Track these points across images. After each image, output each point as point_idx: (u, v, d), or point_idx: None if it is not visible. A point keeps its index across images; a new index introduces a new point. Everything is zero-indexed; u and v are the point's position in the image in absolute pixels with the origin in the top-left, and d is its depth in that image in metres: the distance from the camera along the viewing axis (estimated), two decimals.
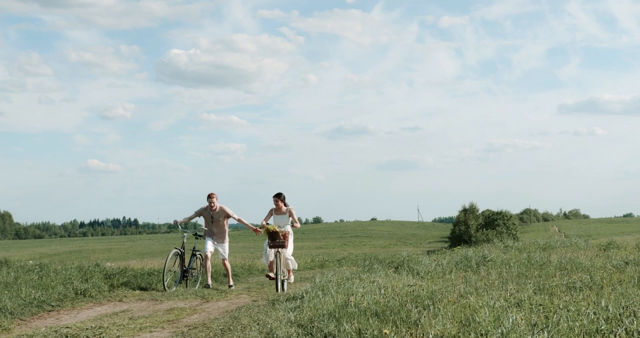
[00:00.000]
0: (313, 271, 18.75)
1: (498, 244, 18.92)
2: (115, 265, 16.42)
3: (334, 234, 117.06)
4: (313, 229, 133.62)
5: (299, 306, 8.62)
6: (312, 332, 6.72)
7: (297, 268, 14.13)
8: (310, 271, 18.94)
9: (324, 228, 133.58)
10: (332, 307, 7.68)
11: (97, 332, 7.84)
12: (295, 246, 40.23)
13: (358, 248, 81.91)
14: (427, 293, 8.22)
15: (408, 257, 14.89)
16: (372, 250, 71.81)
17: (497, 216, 78.03)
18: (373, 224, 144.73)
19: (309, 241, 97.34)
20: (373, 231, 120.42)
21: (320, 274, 13.91)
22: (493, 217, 77.92)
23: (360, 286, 9.41)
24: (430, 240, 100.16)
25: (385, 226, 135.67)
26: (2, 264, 16.27)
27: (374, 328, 6.34)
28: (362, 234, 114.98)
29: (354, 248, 78.90)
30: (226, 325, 8.03)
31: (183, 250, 13.46)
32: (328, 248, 78.83)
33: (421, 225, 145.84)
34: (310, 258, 24.89)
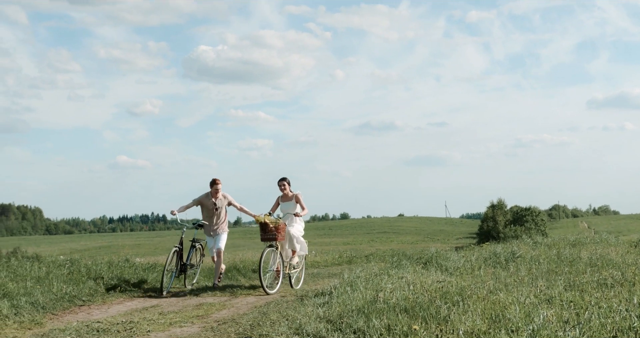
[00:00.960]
0: (341, 267, 18.72)
1: (527, 240, 18.77)
2: (144, 261, 16.54)
3: (361, 230, 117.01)
4: (340, 225, 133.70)
5: (328, 302, 8.63)
6: (342, 328, 6.72)
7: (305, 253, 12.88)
8: (338, 267, 18.92)
9: (351, 224, 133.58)
10: (361, 303, 7.68)
11: (128, 327, 7.91)
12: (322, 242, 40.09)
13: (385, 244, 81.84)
14: (456, 289, 8.19)
15: (436, 253, 14.84)
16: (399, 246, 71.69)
17: (526, 213, 77.58)
18: (400, 220, 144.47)
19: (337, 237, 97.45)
20: (400, 228, 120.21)
21: (348, 270, 13.89)
22: (521, 213, 77.49)
23: (389, 283, 9.40)
24: (458, 236, 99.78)
25: (413, 222, 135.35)
26: (34, 259, 16.43)
27: (403, 324, 6.33)
28: (389, 230, 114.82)
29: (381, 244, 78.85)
30: (255, 320, 8.07)
31: (181, 246, 12.19)
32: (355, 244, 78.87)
33: (449, 221, 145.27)
34: (338, 254, 24.87)
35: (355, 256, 23.43)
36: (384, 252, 27.83)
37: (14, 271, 11.49)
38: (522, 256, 12.81)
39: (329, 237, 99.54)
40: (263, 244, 12.19)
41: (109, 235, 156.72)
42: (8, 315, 8.45)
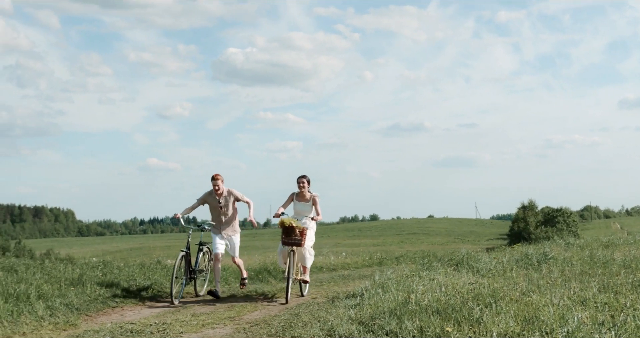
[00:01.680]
0: (371, 269, 18.69)
1: (559, 241, 18.61)
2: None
3: (391, 231, 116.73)
4: (370, 226, 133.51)
5: (359, 303, 8.63)
6: (374, 330, 6.72)
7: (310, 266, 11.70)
8: (369, 269, 18.89)
9: (381, 226, 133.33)
10: (393, 305, 7.66)
11: (161, 328, 7.97)
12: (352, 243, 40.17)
13: (415, 245, 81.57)
14: (488, 291, 8.14)
15: (467, 255, 14.76)
16: (429, 247, 71.43)
17: (557, 214, 76.89)
18: (430, 221, 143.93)
19: (366, 239, 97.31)
20: (430, 229, 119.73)
21: (378, 271, 13.87)
22: (553, 214, 76.82)
23: (420, 284, 9.37)
24: (489, 238, 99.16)
25: (443, 223, 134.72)
26: (67, 261, 16.62)
27: (435, 326, 6.31)
28: (419, 231, 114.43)
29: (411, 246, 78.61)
30: (287, 322, 8.09)
31: (189, 250, 11.22)
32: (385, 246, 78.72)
33: (479, 222, 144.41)
34: (368, 255, 24.84)
35: (385, 258, 23.39)
36: (414, 253, 27.77)
37: (48, 273, 11.63)
38: (554, 258, 12.71)
39: (359, 239, 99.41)
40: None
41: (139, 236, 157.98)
42: (43, 316, 8.56)
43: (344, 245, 69.94)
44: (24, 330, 7.86)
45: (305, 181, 11.35)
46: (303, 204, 11.35)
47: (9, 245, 64.15)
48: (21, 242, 73.37)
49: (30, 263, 13.94)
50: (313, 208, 11.36)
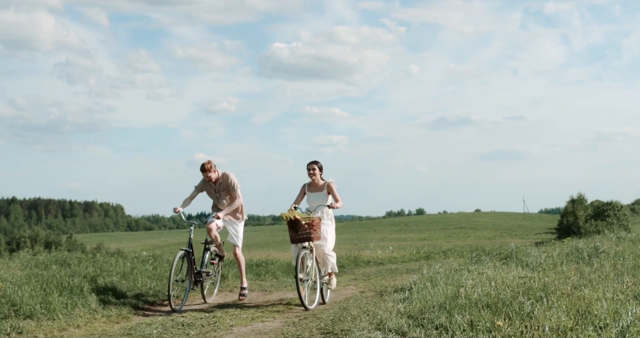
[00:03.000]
0: (418, 263, 18.64)
1: (609, 235, 18.31)
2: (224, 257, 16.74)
3: (438, 225, 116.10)
4: (416, 220, 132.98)
5: (408, 297, 8.61)
6: (423, 324, 6.70)
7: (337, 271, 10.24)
8: (416, 263, 18.84)
9: (427, 220, 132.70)
10: (442, 299, 7.63)
11: (212, 321, 8.05)
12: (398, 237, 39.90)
13: (462, 239, 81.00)
14: (539, 285, 8.06)
15: (516, 249, 14.62)
16: (476, 241, 70.88)
17: (607, 207, 75.57)
18: (477, 215, 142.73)
19: (412, 233, 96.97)
20: (477, 223, 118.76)
21: (426, 266, 13.83)
22: (603, 208, 75.52)
23: (469, 278, 9.31)
24: (537, 232, 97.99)
25: (490, 217, 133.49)
26: (117, 255, 16.87)
27: (486, 321, 6.27)
28: (466, 225, 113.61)
29: (458, 240, 78.07)
30: (336, 315, 8.11)
31: (191, 248, 9.87)
32: (432, 240, 78.32)
33: (527, 216, 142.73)
34: (415, 249, 24.76)
35: (432, 252, 23.29)
36: (462, 248, 27.59)
37: (100, 267, 11.82)
38: (605, 252, 12.51)
39: (405, 233, 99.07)
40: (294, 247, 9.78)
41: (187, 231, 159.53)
42: (96, 309, 8.72)
43: (390, 239, 69.86)
44: (78, 323, 8.01)
45: (315, 167, 9.99)
46: (317, 195, 9.94)
47: (60, 239, 65.36)
48: (72, 236, 74.69)
49: (82, 257, 14.19)
50: (329, 197, 9.91)
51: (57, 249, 27.58)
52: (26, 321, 7.78)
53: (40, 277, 9.84)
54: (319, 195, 9.90)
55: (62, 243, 60.61)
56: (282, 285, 12.08)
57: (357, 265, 17.47)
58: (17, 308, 8.03)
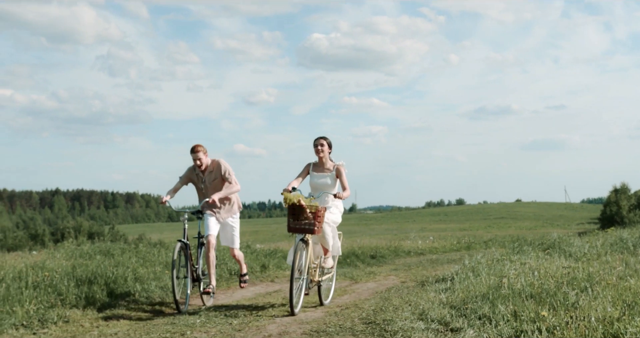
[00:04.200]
0: (459, 253, 18.56)
1: None
2: (264, 247, 16.88)
3: (478, 216, 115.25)
4: (456, 211, 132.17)
5: (450, 287, 8.58)
6: (466, 314, 6.66)
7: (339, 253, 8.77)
8: (457, 253, 18.76)
9: (467, 210, 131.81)
10: (485, 289, 7.58)
11: (254, 311, 8.09)
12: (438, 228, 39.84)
13: (503, 229, 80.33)
14: (583, 275, 7.96)
15: (559, 239, 14.47)
16: (517, 231, 70.21)
17: None
18: (518, 205, 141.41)
19: (452, 223, 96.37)
20: (518, 213, 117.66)
21: (468, 256, 13.75)
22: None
23: (512, 268, 9.23)
24: (579, 222, 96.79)
25: (531, 207, 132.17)
26: (159, 245, 17.02)
27: (530, 311, 6.21)
28: (506, 215, 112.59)
29: (498, 230, 77.47)
30: (378, 305, 8.09)
31: (188, 240, 8.68)
32: (472, 230, 77.81)
33: (569, 206, 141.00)
34: (456, 239, 24.66)
35: (473, 242, 23.18)
36: (503, 238, 27.40)
37: (143, 257, 11.95)
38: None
39: (445, 223, 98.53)
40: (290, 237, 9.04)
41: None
42: (140, 299, 8.82)
43: (430, 230, 69.51)
44: (122, 312, 8.11)
45: (324, 143, 8.52)
46: (322, 177, 8.49)
47: (103, 230, 66.15)
48: (114, 227, 75.52)
49: (125, 248, 14.35)
50: (337, 183, 8.51)
51: (100, 240, 27.94)
52: (72, 310, 7.90)
53: (85, 267, 9.99)
54: (325, 178, 8.47)
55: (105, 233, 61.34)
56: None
57: (397, 255, 17.45)
58: (63, 297, 8.17)
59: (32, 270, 9.55)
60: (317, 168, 8.56)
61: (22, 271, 9.38)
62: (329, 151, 8.55)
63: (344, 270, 13.17)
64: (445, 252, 19.46)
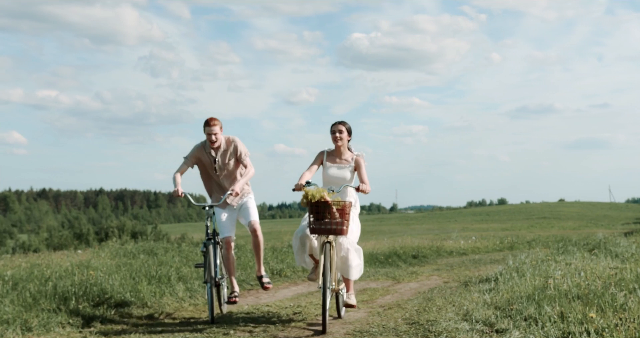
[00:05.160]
0: (502, 253, 18.37)
1: None
2: None
3: (520, 215, 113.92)
4: (498, 210, 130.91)
5: (494, 288, 8.49)
6: (511, 315, 6.58)
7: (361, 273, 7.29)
8: (499, 253, 18.58)
9: (509, 210, 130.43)
10: (530, 290, 7.48)
11: (296, 310, 8.10)
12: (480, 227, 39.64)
13: (546, 229, 79.32)
14: (631, 276, 7.82)
15: (604, 239, 14.25)
16: (560, 232, 69.29)
17: None
18: (561, 205, 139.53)
19: (494, 223, 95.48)
20: (561, 213, 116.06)
21: (511, 256, 13.60)
22: None
23: (557, 269, 9.11)
24: (624, 222, 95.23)
25: (575, 207, 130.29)
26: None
27: (577, 312, 6.11)
28: (549, 215, 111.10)
29: (541, 230, 76.53)
30: (421, 306, 8.04)
31: (216, 237, 7.65)
32: (514, 230, 77.01)
33: (613, 205, 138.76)
34: (499, 239, 24.41)
35: (516, 242, 22.93)
36: (546, 238, 27.06)
37: (186, 256, 12.04)
38: None
39: (487, 223, 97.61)
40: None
41: (268, 221, 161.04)
42: (184, 298, 8.88)
43: (471, 229, 68.93)
44: (166, 311, 8.17)
45: (343, 129, 7.40)
46: (339, 168, 7.37)
47: (146, 229, 66.86)
48: (157, 227, 76.24)
49: (168, 247, 14.48)
50: (355, 176, 7.43)
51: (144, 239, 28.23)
52: (117, 309, 7.98)
53: (129, 266, 10.09)
54: (342, 169, 7.36)
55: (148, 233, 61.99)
56: (364, 274, 12.05)
57: (439, 255, 17.33)
58: (108, 296, 8.25)
59: (78, 268, 9.67)
60: (333, 157, 7.42)
61: (68, 270, 9.51)
62: (348, 139, 7.45)
63: (385, 269, 13.12)
64: (488, 252, 19.27)
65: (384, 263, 14.38)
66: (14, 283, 8.60)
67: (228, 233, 7.80)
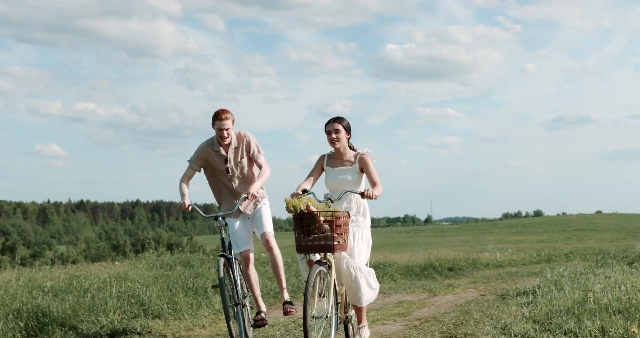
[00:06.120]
0: (539, 266, 18.18)
1: None
2: None
3: (556, 227, 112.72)
4: (534, 222, 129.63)
5: (532, 301, 8.39)
6: (550, 329, 6.50)
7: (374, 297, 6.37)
8: (536, 266, 18.38)
9: (545, 221, 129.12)
10: (570, 303, 7.39)
11: None
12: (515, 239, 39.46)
13: (583, 241, 78.40)
14: None
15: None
16: (598, 244, 68.43)
17: None
18: (598, 217, 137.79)
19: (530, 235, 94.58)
20: (599, 225, 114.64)
21: (548, 269, 13.45)
22: None
23: (596, 282, 8.99)
24: None
25: (612, 219, 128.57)
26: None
27: (618, 327, 6.03)
28: (586, 227, 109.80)
29: (578, 242, 75.63)
30: (458, 319, 7.98)
31: (231, 255, 6.67)
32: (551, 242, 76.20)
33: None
34: (535, 252, 24.16)
35: (553, 255, 22.67)
36: (584, 250, 26.72)
37: None
38: None
39: (522, 235, 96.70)
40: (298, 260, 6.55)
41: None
42: (220, 310, 8.90)
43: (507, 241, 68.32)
44: (203, 323, 8.20)
45: (340, 127, 6.36)
46: (342, 173, 6.37)
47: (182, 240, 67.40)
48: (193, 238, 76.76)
49: (204, 258, 14.55)
50: (363, 178, 6.41)
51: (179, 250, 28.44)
52: (154, 320, 8.03)
53: (166, 278, 10.16)
54: (345, 173, 6.36)
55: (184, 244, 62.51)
56: (400, 287, 12.02)
57: (475, 268, 17.19)
58: (145, 307, 8.31)
59: (116, 280, 9.76)
60: (333, 160, 6.46)
61: (106, 282, 9.60)
62: (348, 137, 6.44)
63: (421, 282, 13.05)
64: (525, 265, 19.07)
65: (420, 275, 14.30)
66: (54, 294, 8.71)
67: (245, 246, 6.80)
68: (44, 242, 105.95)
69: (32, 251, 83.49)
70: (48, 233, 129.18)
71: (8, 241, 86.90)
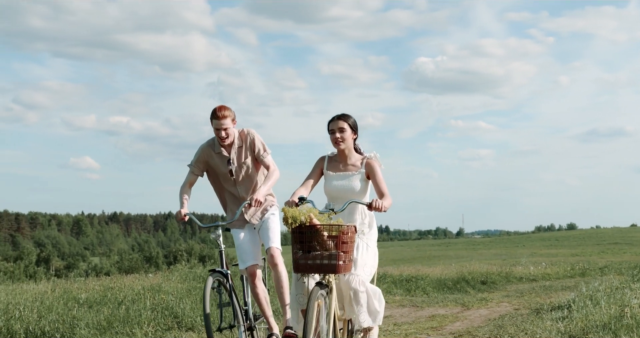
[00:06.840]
0: (574, 280, 17.99)
1: None
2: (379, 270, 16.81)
3: (590, 241, 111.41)
4: (567, 236, 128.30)
5: (567, 316, 8.30)
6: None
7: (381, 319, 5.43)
8: (571, 280, 18.19)
9: (579, 235, 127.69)
10: (606, 318, 7.30)
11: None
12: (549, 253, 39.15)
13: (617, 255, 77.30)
14: None
15: None
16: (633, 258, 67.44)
17: None
18: (633, 230, 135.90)
19: (564, 249, 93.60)
20: (634, 238, 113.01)
21: (583, 283, 13.31)
22: None
23: (633, 297, 8.86)
24: None
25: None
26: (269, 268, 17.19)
27: None
28: (621, 241, 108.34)
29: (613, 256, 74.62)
30: (492, 333, 7.92)
31: (227, 270, 5.91)
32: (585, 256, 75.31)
33: None
34: (569, 265, 23.93)
35: (588, 269, 22.45)
36: (619, 264, 26.44)
37: None
38: None
39: (556, 248, 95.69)
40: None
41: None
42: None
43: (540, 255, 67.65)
44: (236, 335, 8.22)
45: (346, 126, 5.56)
46: (344, 177, 5.51)
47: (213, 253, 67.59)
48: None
49: (236, 271, 14.55)
50: (368, 186, 5.54)
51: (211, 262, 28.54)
52: (188, 333, 8.07)
53: (199, 290, 10.20)
54: (348, 180, 5.49)
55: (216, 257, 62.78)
56: (433, 300, 11.96)
57: (508, 281, 17.07)
58: (179, 320, 8.36)
59: (149, 292, 9.82)
60: (335, 164, 5.58)
61: (139, 294, 9.67)
62: (354, 137, 5.62)
63: (454, 296, 12.97)
64: (559, 278, 18.89)
65: (452, 289, 14.23)
66: (89, 306, 8.80)
67: (251, 261, 6.04)
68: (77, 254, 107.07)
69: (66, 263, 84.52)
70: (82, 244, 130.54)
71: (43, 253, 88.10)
